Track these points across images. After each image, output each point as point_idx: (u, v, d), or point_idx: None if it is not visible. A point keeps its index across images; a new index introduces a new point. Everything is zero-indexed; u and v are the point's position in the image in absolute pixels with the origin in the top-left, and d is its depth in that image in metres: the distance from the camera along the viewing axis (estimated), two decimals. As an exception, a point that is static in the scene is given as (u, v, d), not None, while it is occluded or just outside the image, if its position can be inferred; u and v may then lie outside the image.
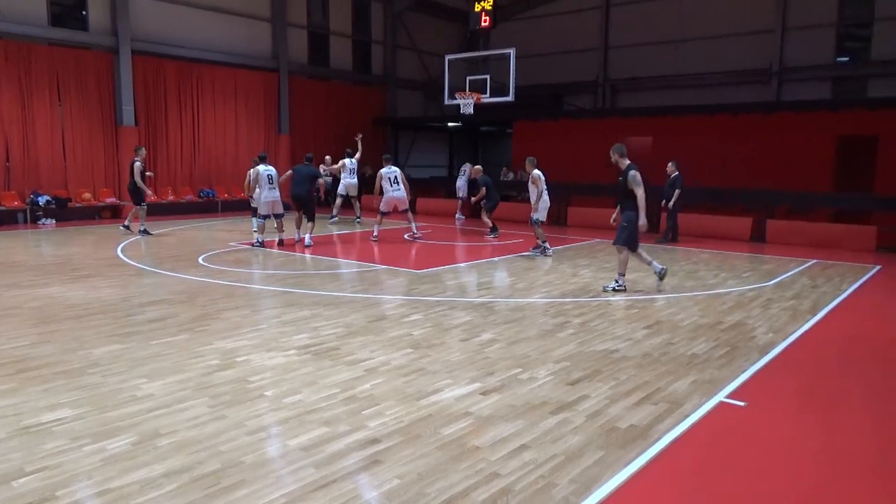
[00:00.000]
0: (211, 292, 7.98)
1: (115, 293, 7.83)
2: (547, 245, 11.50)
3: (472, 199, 14.45)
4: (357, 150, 16.84)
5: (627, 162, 8.18)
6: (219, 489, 3.25)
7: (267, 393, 4.59)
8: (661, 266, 8.58)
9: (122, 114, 17.46)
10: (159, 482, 3.31)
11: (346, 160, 16.19)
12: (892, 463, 3.75)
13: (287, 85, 21.39)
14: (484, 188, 14.02)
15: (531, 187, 11.25)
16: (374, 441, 3.83)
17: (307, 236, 12.01)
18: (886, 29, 18.69)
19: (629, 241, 8.23)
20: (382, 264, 10.34)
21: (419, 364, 5.30)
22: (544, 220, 11.41)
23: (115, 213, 17.32)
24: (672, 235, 13.67)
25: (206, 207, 19.19)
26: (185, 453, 3.63)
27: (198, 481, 3.32)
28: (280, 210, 12.14)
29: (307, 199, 11.89)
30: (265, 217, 12.12)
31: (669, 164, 13.54)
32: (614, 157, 8.26)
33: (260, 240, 11.88)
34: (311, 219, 12.01)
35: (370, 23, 24.67)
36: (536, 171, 11.16)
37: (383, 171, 13.44)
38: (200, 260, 10.39)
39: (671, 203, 13.38)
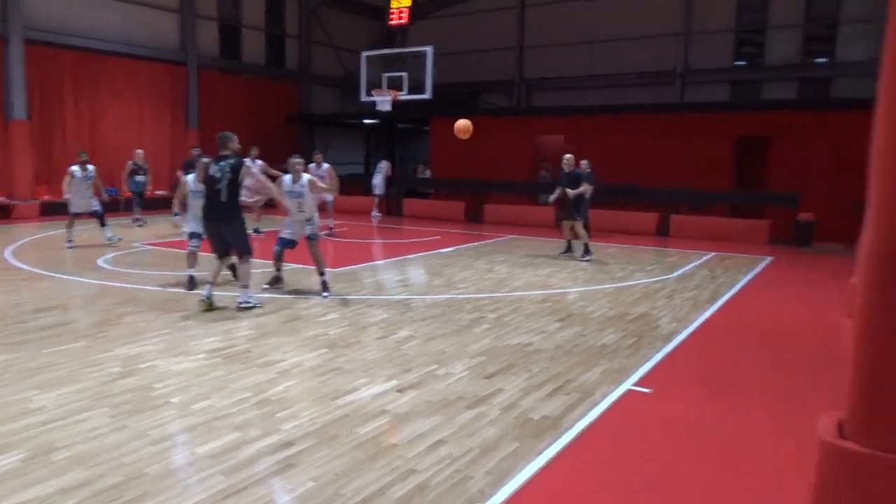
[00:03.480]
0: (112, 296, 7.57)
1: (4, 299, 7.28)
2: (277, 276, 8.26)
3: (571, 192, 10.73)
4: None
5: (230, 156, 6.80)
6: (121, 503, 3.09)
7: (173, 400, 4.40)
8: (206, 294, 6.88)
9: (12, 107, 16.28)
10: (54, 499, 3.10)
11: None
12: (784, 438, 4.01)
13: (196, 79, 20.59)
14: (586, 185, 10.89)
15: (308, 193, 7.93)
16: (288, 444, 3.74)
17: None
18: (778, 35, 19.98)
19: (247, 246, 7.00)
20: (296, 263, 10.12)
21: (335, 364, 5.22)
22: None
23: (2, 213, 16.14)
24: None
25: (107, 207, 18.08)
26: (83, 467, 3.42)
27: (98, 496, 3.14)
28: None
29: None
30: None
31: (583, 162, 13.95)
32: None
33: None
34: None
35: (284, 16, 24.10)
36: (306, 176, 7.99)
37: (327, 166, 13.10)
38: (100, 262, 9.83)
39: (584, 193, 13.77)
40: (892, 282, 2.82)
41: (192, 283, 7.95)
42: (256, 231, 13.67)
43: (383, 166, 19.38)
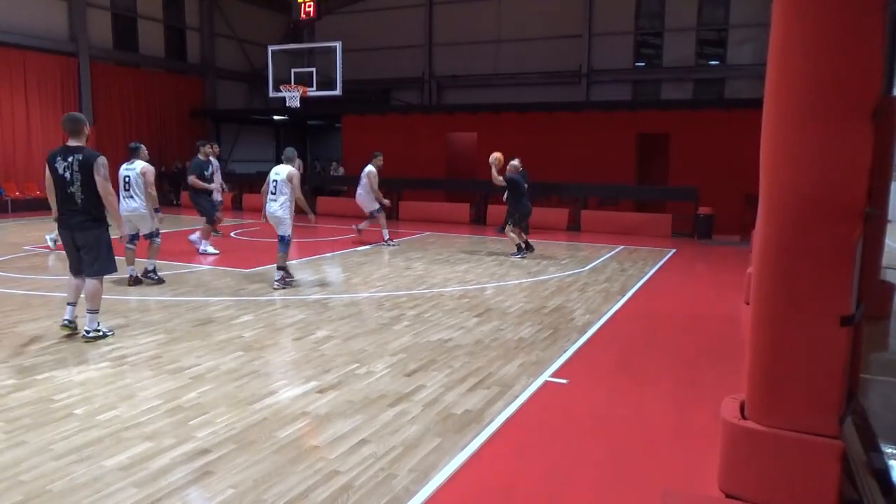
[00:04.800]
0: (2, 303, 7.03)
1: None
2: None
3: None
4: None
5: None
6: (20, 524, 2.88)
7: (76, 411, 4.14)
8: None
9: None
10: (-58, 525, 2.86)
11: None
12: (689, 423, 4.24)
13: (89, 71, 19.40)
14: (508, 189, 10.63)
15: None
16: (204, 452, 3.61)
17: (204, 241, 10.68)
18: (674, 39, 21.07)
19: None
20: (206, 265, 9.76)
21: (251, 367, 5.07)
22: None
23: None
24: (502, 226, 14.30)
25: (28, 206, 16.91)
26: (-25, 489, 3.16)
27: (-7, 519, 2.92)
28: (148, 228, 8.24)
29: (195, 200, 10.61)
30: (130, 240, 8.29)
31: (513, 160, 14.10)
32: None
33: (132, 272, 8.25)
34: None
35: (184, 7, 23.10)
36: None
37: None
38: (-12, 267, 9.13)
39: (504, 196, 13.98)
40: (782, 272, 3.05)
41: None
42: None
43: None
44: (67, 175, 5.52)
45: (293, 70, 18.30)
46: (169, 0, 22.56)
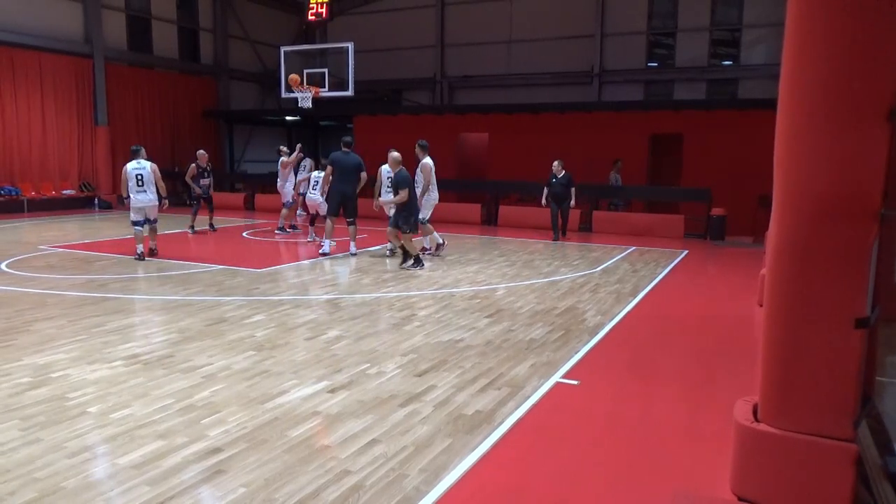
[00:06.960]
0: (18, 302, 7.11)
1: None
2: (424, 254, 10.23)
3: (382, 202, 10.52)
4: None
5: None
6: (34, 521, 2.91)
7: (90, 409, 4.18)
8: None
9: None
10: (-42, 521, 2.89)
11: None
12: (700, 424, 4.21)
13: (103, 72, 19.59)
14: (403, 191, 9.40)
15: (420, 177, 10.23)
16: (216, 451, 3.63)
17: (352, 244, 10.73)
18: (687, 39, 20.95)
19: None
20: (218, 264, 9.81)
21: (263, 366, 5.10)
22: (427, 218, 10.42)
23: None
24: (562, 232, 13.85)
25: (9, 207, 17.10)
26: (-10, 485, 3.20)
27: (8, 515, 2.95)
28: (154, 215, 10.11)
29: (353, 197, 10.36)
30: (139, 224, 9.91)
31: (556, 162, 13.69)
32: None
33: (140, 251, 9.93)
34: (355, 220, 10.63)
35: (197, 9, 23.26)
36: (428, 160, 10.37)
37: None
38: (3, 266, 9.22)
39: (572, 202, 13.72)
40: (796, 274, 3.02)
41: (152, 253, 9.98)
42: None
43: (307, 164, 19.02)
44: None
45: (305, 71, 18.34)
46: (182, 1, 22.72)
